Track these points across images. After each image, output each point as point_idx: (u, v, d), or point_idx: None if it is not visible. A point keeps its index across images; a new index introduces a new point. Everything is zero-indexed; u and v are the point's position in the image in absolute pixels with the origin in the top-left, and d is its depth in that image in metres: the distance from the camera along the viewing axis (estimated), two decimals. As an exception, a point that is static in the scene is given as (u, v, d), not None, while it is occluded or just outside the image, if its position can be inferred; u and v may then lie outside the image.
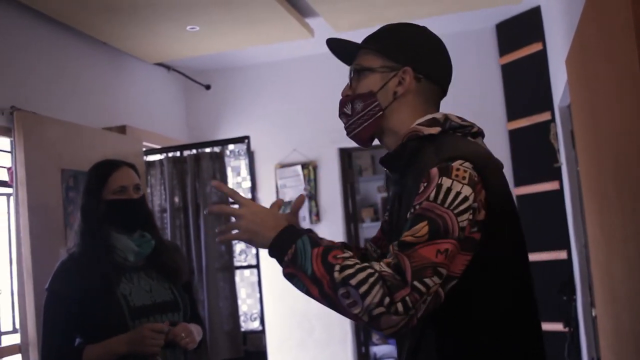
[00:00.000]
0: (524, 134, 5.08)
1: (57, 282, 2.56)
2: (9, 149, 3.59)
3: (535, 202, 4.81)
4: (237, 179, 4.73)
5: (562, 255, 4.65)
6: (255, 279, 4.55)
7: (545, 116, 4.81)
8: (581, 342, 4.24)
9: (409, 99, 1.69)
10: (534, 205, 4.80)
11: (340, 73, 5.87)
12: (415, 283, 1.41)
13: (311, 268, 1.49)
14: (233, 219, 1.66)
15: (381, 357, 7.21)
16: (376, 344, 7.33)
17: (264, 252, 5.33)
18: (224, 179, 4.45)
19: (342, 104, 1.82)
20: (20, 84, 3.74)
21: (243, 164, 4.71)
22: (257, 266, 4.52)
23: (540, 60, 4.88)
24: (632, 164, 1.85)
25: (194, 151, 4.54)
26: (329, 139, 5.60)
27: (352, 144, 5.59)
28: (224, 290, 4.41)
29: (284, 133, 5.70)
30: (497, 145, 5.39)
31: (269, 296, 5.23)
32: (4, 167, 3.63)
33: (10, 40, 3.72)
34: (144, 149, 4.65)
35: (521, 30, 5.11)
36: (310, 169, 5.64)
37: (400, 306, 1.40)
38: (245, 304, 4.64)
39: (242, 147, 4.66)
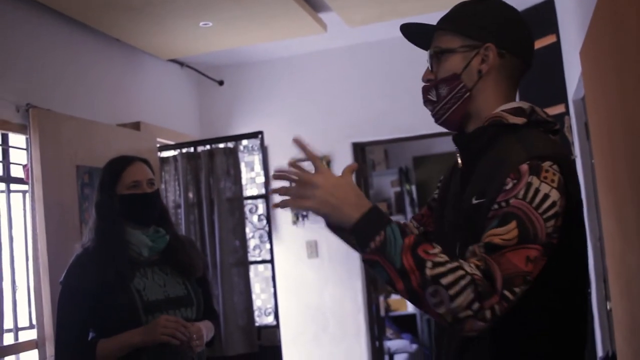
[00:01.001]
0: (538, 127, 5.05)
1: (72, 277, 2.58)
2: (24, 146, 3.61)
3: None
4: (251, 174, 4.74)
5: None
6: (269, 273, 4.56)
7: (559, 109, 4.78)
8: (596, 336, 4.22)
9: (493, 77, 1.63)
10: (548, 198, 4.78)
11: (353, 68, 5.87)
12: (506, 292, 1.36)
13: (400, 261, 1.38)
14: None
15: (395, 351, 7.21)
16: (390, 339, 7.34)
17: (278, 247, 5.34)
18: (237, 174, 4.46)
19: (426, 91, 1.72)
20: (35, 82, 3.76)
21: (257, 159, 4.72)
22: (272, 261, 4.53)
23: (554, 53, 4.85)
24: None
25: (208, 147, 4.55)
26: (342, 133, 5.60)
27: (365, 138, 5.64)
28: (239, 286, 4.42)
29: (298, 128, 5.70)
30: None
31: (283, 291, 5.24)
32: (20, 164, 3.65)
33: (25, 38, 3.74)
34: (158, 145, 4.67)
35: (535, 22, 5.08)
36: (323, 163, 5.63)
37: (488, 313, 1.35)
38: (260, 298, 4.66)
39: (255, 142, 4.67)
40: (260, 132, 4.56)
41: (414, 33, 1.78)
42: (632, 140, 2.07)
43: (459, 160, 1.71)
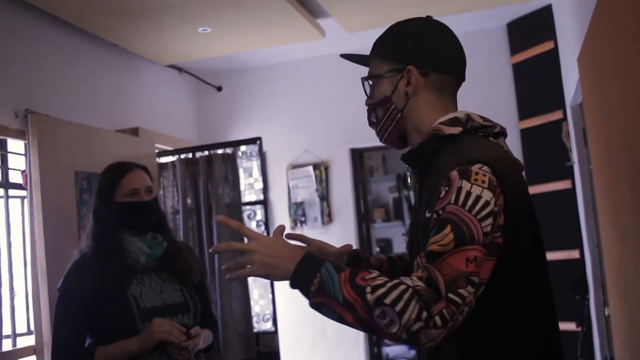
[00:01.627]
0: (536, 133, 5.07)
1: (69, 283, 2.58)
2: (23, 151, 3.61)
3: (547, 201, 4.80)
4: (249, 180, 4.74)
5: (574, 254, 4.64)
6: (268, 280, 4.55)
7: (557, 115, 4.80)
8: (594, 342, 4.22)
9: (422, 96, 1.68)
10: (546, 204, 4.79)
11: (350, 74, 5.86)
12: (450, 295, 1.40)
13: (342, 294, 1.44)
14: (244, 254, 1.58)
15: (393, 357, 7.21)
16: (388, 345, 7.33)
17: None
18: (236, 180, 4.46)
19: (368, 114, 1.80)
20: (34, 87, 3.76)
21: (255, 165, 4.72)
22: (270, 267, 4.52)
23: (552, 59, 4.87)
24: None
25: (206, 152, 4.55)
26: (340, 139, 5.61)
27: (363, 144, 5.64)
28: (237, 292, 4.42)
29: (296, 134, 5.71)
30: (509, 144, 5.36)
31: (281, 297, 5.23)
32: (19, 170, 3.65)
33: (24, 44, 3.74)
34: (157, 151, 4.67)
35: (532, 29, 5.10)
36: (321, 169, 5.64)
37: (438, 319, 1.39)
38: (258, 304, 4.65)
39: (254, 148, 4.67)
40: (259, 138, 4.56)
41: (355, 61, 1.88)
42: (631, 146, 2.07)
43: (410, 179, 1.81)
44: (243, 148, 4.68)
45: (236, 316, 4.38)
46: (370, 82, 1.77)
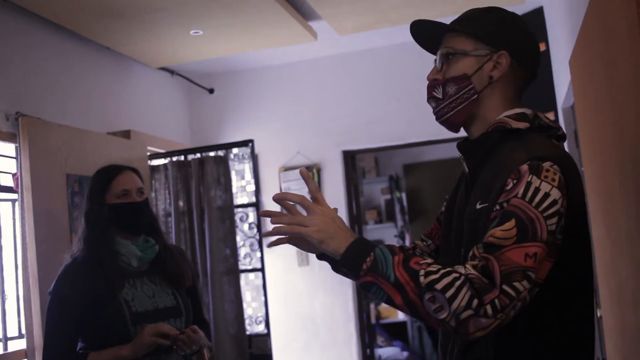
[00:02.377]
0: (528, 135, 5.07)
1: (61, 286, 2.57)
2: (14, 154, 3.60)
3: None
4: (242, 183, 4.74)
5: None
6: (260, 282, 4.56)
7: (549, 116, 4.80)
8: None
9: (502, 84, 1.66)
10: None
11: (343, 76, 5.87)
12: (505, 287, 1.38)
13: (394, 274, 1.43)
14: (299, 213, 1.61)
15: (386, 358, 7.20)
16: (381, 346, 7.34)
17: (268, 255, 5.32)
18: (228, 182, 4.46)
19: (431, 88, 1.72)
20: (25, 90, 3.75)
21: (247, 167, 4.72)
22: (262, 269, 4.53)
23: (544, 61, 4.87)
24: (638, 164, 1.85)
25: (198, 155, 4.55)
26: (332, 141, 5.61)
27: (355, 145, 5.64)
28: (229, 294, 4.41)
29: (288, 136, 5.70)
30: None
31: (274, 299, 5.23)
32: (9, 173, 3.64)
33: (14, 46, 3.73)
34: (149, 154, 4.66)
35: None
36: (314, 171, 5.64)
37: (489, 308, 1.37)
38: (250, 307, 4.65)
39: (246, 150, 4.67)
40: (251, 141, 4.56)
41: (421, 32, 1.78)
42: (623, 147, 2.08)
43: (466, 168, 1.73)
44: (235, 150, 4.68)
45: (229, 319, 4.38)
46: (449, 59, 1.69)
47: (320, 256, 1.74)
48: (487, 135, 1.64)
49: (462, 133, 1.76)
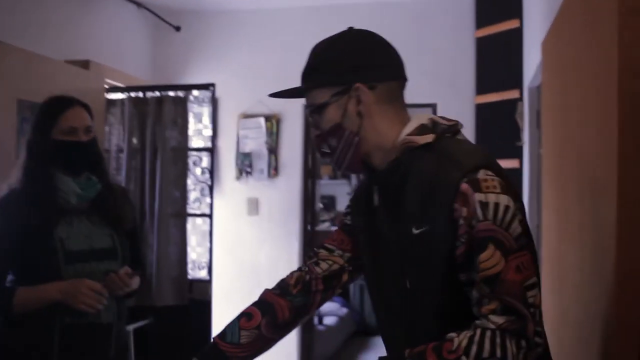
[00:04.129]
0: (491, 109, 5.07)
1: None
2: (-36, 72, 3.47)
3: (494, 178, 4.81)
4: (199, 126, 4.68)
5: (514, 233, 4.68)
6: (207, 228, 4.53)
7: (513, 94, 4.80)
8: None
9: (375, 111, 1.58)
10: (492, 181, 4.81)
11: (311, 29, 5.76)
12: (531, 310, 1.38)
13: None
14: None
15: (325, 313, 7.26)
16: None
17: (218, 202, 5.28)
18: (184, 124, 4.39)
19: (318, 145, 1.67)
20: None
21: (206, 111, 4.65)
22: (210, 216, 4.49)
23: (515, 38, 4.85)
24: (596, 155, 1.84)
25: (157, 93, 4.46)
26: (295, 94, 5.53)
27: (318, 101, 5.56)
28: (175, 237, 4.38)
29: (251, 84, 5.61)
30: (464, 118, 5.36)
31: (219, 246, 5.20)
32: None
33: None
34: (106, 86, 4.55)
35: (500, 5, 5.07)
36: (273, 122, 5.57)
37: (537, 339, 1.38)
38: (195, 252, 4.63)
39: (206, 94, 4.59)
40: (212, 84, 4.48)
41: (285, 96, 1.72)
42: (582, 138, 2.07)
43: (375, 197, 1.66)
44: (195, 92, 4.61)
45: (171, 261, 4.35)
46: (317, 114, 1.62)
47: None
48: (398, 160, 1.56)
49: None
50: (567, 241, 2.39)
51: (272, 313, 1.81)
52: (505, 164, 4.75)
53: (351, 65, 1.58)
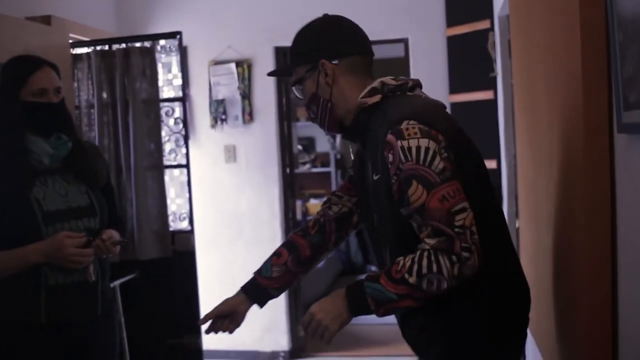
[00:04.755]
0: (463, 41, 5.03)
1: None
2: None
3: (469, 110, 4.81)
4: (168, 76, 4.60)
5: (492, 164, 4.70)
6: (185, 178, 4.50)
7: (484, 24, 4.75)
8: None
9: (341, 81, 1.95)
10: (467, 113, 4.80)
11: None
12: (456, 230, 1.67)
13: (393, 294, 1.71)
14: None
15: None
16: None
17: (195, 151, 5.25)
18: (154, 75, 4.32)
19: (308, 113, 2.07)
20: None
21: (174, 60, 4.57)
22: (187, 166, 4.46)
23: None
24: (564, 84, 1.83)
25: (123, 45, 4.37)
26: (264, 37, 5.46)
27: (288, 42, 5.43)
28: (153, 190, 4.35)
29: (219, 30, 5.52)
30: (435, 51, 5.33)
31: (199, 196, 5.17)
32: None
33: None
34: (71, 42, 4.45)
35: None
36: (244, 67, 5.51)
37: (464, 253, 1.66)
38: (175, 203, 4.60)
39: (173, 42, 4.51)
40: (179, 33, 4.40)
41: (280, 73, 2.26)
42: (550, 65, 2.06)
43: (358, 146, 2.06)
44: (162, 42, 4.52)
45: (151, 214, 4.33)
46: (300, 87, 2.02)
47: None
48: (356, 119, 1.95)
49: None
50: (539, 170, 2.39)
51: (296, 251, 2.17)
52: (479, 95, 4.75)
53: (319, 45, 1.98)
